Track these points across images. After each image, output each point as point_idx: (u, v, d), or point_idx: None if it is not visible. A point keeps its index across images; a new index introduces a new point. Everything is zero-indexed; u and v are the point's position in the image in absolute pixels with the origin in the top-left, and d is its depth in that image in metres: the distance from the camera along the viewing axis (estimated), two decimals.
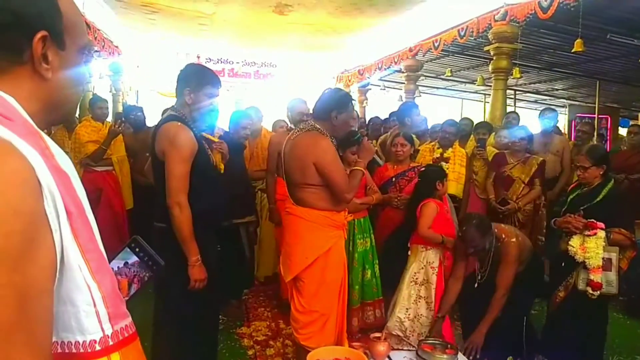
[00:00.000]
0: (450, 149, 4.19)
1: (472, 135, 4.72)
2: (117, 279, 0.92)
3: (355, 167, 2.65)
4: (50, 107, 0.78)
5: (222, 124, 3.83)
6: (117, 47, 8.11)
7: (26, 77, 0.74)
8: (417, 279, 3.13)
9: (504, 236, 2.89)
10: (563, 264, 2.84)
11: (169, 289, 2.23)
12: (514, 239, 2.88)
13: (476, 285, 2.99)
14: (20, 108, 0.71)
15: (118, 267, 0.95)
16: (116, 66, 9.00)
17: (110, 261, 0.94)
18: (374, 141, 4.89)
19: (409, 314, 3.10)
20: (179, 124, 2.20)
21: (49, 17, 0.74)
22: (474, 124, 5.02)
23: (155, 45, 10.40)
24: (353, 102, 2.74)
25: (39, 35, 0.72)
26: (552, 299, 2.93)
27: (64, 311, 0.70)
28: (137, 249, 0.97)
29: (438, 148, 4.24)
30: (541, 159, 4.22)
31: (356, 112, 2.74)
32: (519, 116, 5.31)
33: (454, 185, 4.09)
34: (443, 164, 4.05)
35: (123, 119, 4.72)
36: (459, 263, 3.04)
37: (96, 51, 6.98)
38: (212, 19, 7.68)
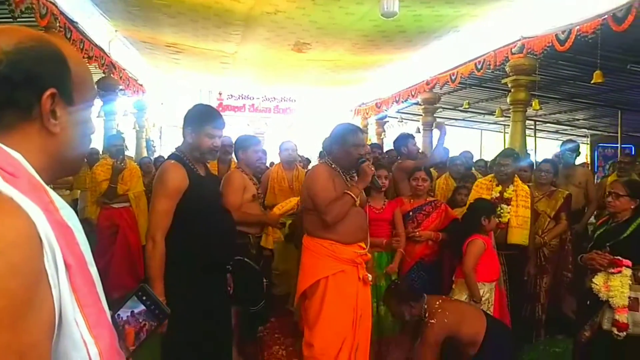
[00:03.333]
0: (511, 187, 3.63)
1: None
2: (125, 328, 0.92)
3: (345, 191, 2.62)
4: (58, 161, 0.79)
5: None
6: (141, 85, 8.39)
7: (34, 132, 0.74)
8: None
9: (427, 314, 2.72)
10: (588, 303, 2.73)
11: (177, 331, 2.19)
12: (433, 320, 2.67)
13: None
14: (27, 163, 0.71)
15: (126, 316, 0.94)
16: (140, 104, 9.25)
17: (117, 310, 0.94)
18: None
19: None
20: (173, 162, 2.20)
21: (59, 75, 0.76)
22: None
23: (179, 83, 10.74)
24: (353, 133, 2.69)
25: (48, 92, 0.73)
26: (578, 338, 2.81)
27: None
28: (144, 297, 0.96)
29: (497, 185, 3.68)
30: (567, 192, 4.09)
31: (361, 140, 2.76)
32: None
33: (519, 232, 3.51)
34: (504, 206, 3.56)
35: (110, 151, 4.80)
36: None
37: (121, 90, 7.23)
38: (234, 57, 7.91)
